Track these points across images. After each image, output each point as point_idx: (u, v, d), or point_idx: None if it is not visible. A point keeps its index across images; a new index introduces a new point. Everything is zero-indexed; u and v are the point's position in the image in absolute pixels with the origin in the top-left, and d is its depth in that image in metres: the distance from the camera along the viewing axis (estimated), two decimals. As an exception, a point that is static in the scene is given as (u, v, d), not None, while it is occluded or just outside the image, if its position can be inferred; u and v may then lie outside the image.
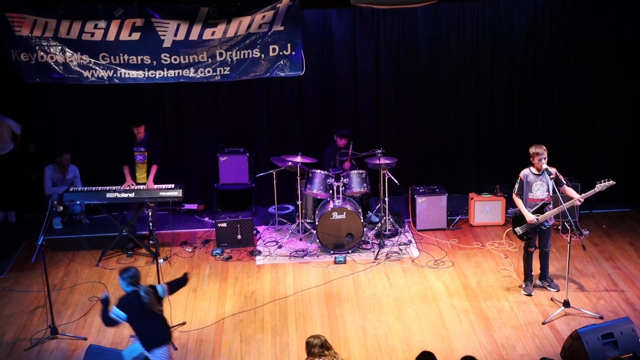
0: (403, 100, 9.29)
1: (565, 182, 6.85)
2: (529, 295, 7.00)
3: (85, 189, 8.07)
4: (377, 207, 8.52)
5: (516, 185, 6.88)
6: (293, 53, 7.95)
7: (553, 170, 6.76)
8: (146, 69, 7.89)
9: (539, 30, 9.04)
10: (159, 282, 6.36)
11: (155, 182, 8.07)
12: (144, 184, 8.07)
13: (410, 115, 9.34)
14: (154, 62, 7.88)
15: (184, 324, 6.68)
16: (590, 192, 6.60)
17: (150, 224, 6.62)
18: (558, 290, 7.03)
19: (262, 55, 7.97)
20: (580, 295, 7.00)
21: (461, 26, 9.04)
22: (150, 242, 7.96)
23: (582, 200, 6.72)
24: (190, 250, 8.22)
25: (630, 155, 9.21)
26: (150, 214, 6.67)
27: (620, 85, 9.06)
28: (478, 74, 9.21)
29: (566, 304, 6.64)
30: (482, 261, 7.80)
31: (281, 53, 7.97)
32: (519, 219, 6.94)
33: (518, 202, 6.88)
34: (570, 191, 6.75)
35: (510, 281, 7.31)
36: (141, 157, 8.10)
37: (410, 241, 8.28)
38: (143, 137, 8.05)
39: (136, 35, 7.78)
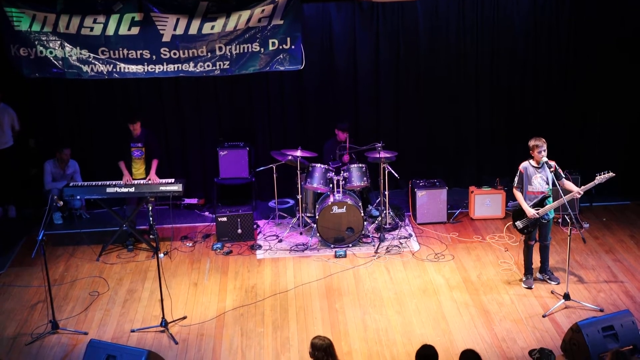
0: (403, 93, 9.26)
1: (564, 176, 6.82)
2: (530, 288, 6.98)
3: (85, 183, 8.05)
4: (378, 200, 8.49)
5: (516, 178, 6.85)
6: (293, 47, 7.91)
7: (552, 163, 6.74)
8: (145, 64, 7.85)
9: (539, 25, 8.99)
10: (159, 277, 6.39)
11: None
12: (142, 179, 8.05)
13: (410, 109, 9.31)
14: (154, 57, 7.83)
15: (184, 318, 6.67)
16: (590, 185, 6.57)
17: (151, 218, 6.58)
18: (558, 283, 7.00)
19: (262, 50, 7.93)
20: (580, 288, 6.98)
21: (461, 20, 8.98)
22: (151, 236, 7.94)
23: (582, 192, 6.69)
24: (190, 244, 8.19)
25: (630, 148, 9.17)
26: (150, 208, 6.64)
27: (621, 78, 9.02)
28: (478, 67, 9.17)
29: (566, 296, 6.62)
30: (483, 254, 7.77)
31: (281, 47, 7.94)
32: (519, 213, 6.91)
33: (518, 196, 6.85)
34: (569, 184, 6.73)
35: (511, 274, 7.28)
36: (138, 153, 8.07)
37: (410, 235, 8.26)
38: (140, 133, 8.02)
39: (135, 30, 7.75)
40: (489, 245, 7.99)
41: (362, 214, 7.92)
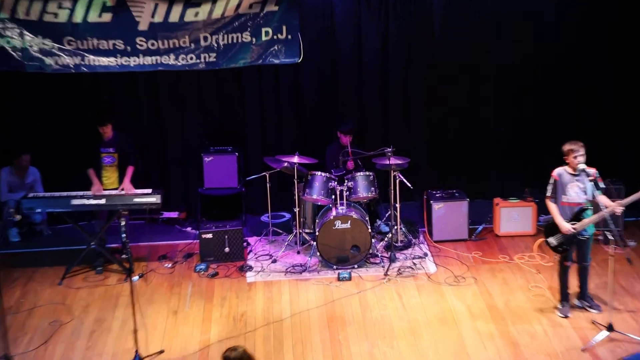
0: (415, 91, 9.32)
1: (604, 187, 6.73)
2: (566, 317, 6.92)
3: (47, 194, 8.03)
4: (387, 214, 8.49)
5: (549, 187, 6.82)
6: (289, 37, 7.95)
7: (592, 170, 6.70)
8: (119, 56, 7.87)
9: (568, 17, 9.05)
10: (133, 304, 6.28)
11: (130, 186, 8.11)
12: (114, 189, 8.06)
13: (423, 109, 9.37)
14: (128, 48, 7.86)
15: (162, 352, 6.57)
16: (635, 196, 6.50)
17: (123, 235, 6.60)
18: (600, 312, 6.95)
19: (254, 40, 7.95)
20: (626, 317, 6.89)
21: (480, 6, 9.07)
22: (123, 256, 7.82)
23: (624, 207, 6.59)
24: (169, 265, 8.18)
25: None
26: (122, 223, 6.66)
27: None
28: (501, 59, 9.23)
29: (610, 327, 6.53)
30: (510, 277, 7.76)
31: (275, 37, 7.96)
32: (552, 228, 6.87)
33: (551, 207, 6.82)
34: (603, 200, 6.60)
35: (544, 301, 7.24)
36: (109, 160, 8.08)
37: (425, 254, 8.26)
38: (111, 137, 8.04)
39: (107, 17, 7.76)
40: (518, 266, 7.98)
41: (370, 230, 7.91)
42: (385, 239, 8.41)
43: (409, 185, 8.21)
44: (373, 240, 8.03)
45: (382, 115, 9.37)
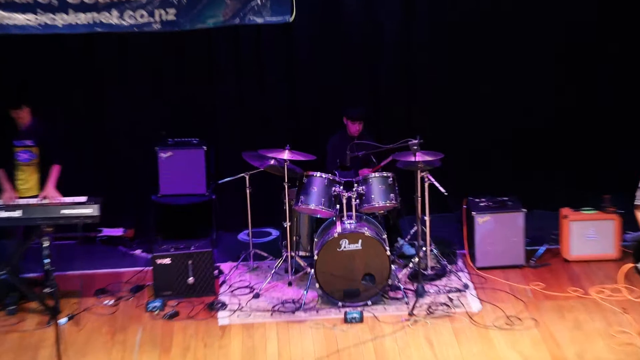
0: (451, 62, 9.38)
1: None
2: None
3: None
4: (413, 231, 8.43)
5: (638, 193, 6.85)
6: None
7: None
8: (41, 12, 7.97)
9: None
10: (58, 356, 6.34)
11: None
12: (33, 197, 7.95)
13: (461, 87, 9.41)
14: (54, 1, 7.94)
15: None
16: None
17: (46, 260, 6.69)
18: None
19: None
20: None
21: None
22: (46, 290, 7.77)
23: None
24: (111, 302, 8.05)
25: None
26: (45, 244, 6.70)
27: None
28: (571, 20, 9.26)
29: None
30: (585, 319, 7.58)
31: None
32: None
33: None
34: None
35: (632, 351, 6.98)
36: (27, 156, 8.01)
37: (466, 286, 8.17)
38: (29, 125, 7.98)
39: None
40: (595, 303, 7.85)
41: (388, 253, 7.79)
42: (410, 264, 8.32)
43: (443, 190, 8.11)
44: (393, 266, 7.93)
45: (404, 96, 9.41)
